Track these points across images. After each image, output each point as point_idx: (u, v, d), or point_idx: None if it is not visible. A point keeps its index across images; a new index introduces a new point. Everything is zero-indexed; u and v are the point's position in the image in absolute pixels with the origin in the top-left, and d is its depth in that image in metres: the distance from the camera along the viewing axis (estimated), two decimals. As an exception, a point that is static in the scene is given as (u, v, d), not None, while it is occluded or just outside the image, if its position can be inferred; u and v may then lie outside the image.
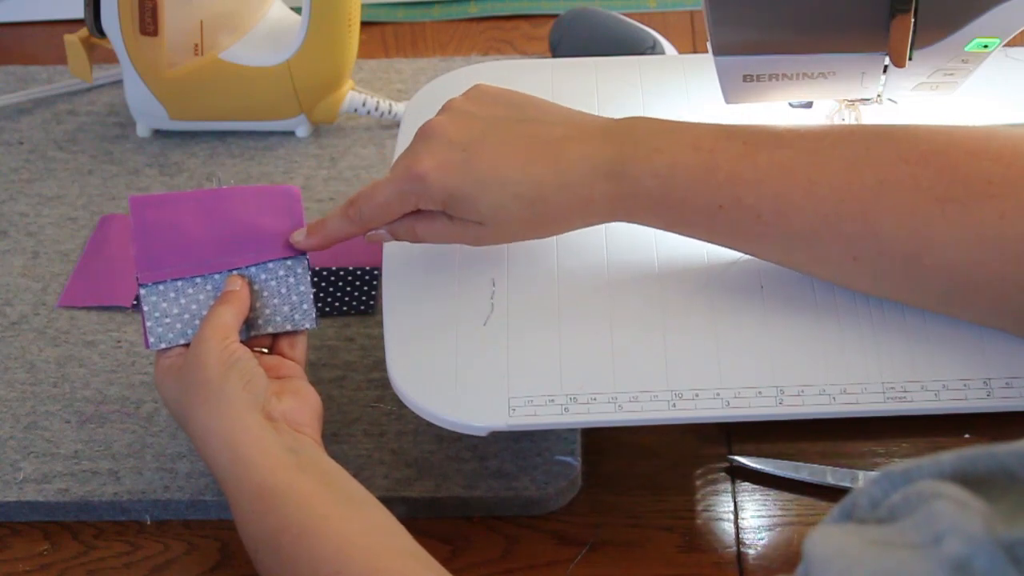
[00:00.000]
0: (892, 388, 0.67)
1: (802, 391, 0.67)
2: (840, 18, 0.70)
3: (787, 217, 0.66)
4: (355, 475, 0.66)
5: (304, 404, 0.69)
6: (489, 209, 0.68)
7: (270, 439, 0.65)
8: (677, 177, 0.67)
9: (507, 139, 0.68)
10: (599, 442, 0.76)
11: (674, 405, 0.67)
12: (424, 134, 0.70)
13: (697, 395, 0.67)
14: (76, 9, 0.95)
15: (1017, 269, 0.63)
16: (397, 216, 0.70)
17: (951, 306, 0.67)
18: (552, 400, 0.68)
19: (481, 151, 0.68)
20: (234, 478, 0.65)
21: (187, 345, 0.71)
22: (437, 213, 0.69)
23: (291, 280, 0.73)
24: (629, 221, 0.70)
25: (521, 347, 0.70)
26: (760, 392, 0.67)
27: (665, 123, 0.69)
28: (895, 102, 0.77)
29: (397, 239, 0.72)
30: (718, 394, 0.67)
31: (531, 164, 0.67)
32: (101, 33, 0.94)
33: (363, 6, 0.96)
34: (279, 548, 0.62)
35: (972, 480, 0.40)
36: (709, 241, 0.70)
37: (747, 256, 0.71)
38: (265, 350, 0.73)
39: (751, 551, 0.71)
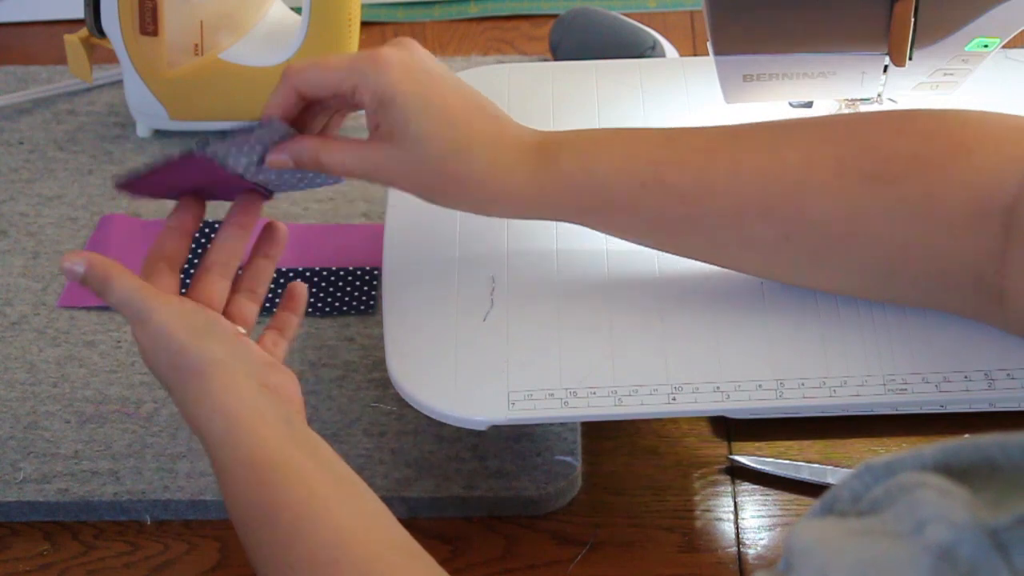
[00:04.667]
0: (892, 380, 0.67)
1: (802, 384, 0.67)
2: (840, 18, 0.70)
3: (711, 197, 0.67)
4: (355, 475, 0.66)
5: (291, 382, 0.68)
6: (416, 131, 0.67)
7: (266, 407, 0.64)
8: (600, 160, 0.68)
9: (465, 94, 0.69)
10: (599, 442, 0.76)
11: (673, 399, 0.67)
12: (400, 41, 0.69)
13: (697, 388, 0.67)
14: (76, 9, 0.95)
15: (951, 242, 0.64)
16: (330, 91, 0.68)
17: (894, 287, 0.68)
18: (551, 394, 0.68)
19: (441, 82, 0.68)
20: (227, 445, 0.63)
21: None
22: (345, 139, 0.68)
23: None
24: (554, 217, 0.70)
25: (521, 341, 0.70)
26: (760, 385, 0.67)
27: (593, 129, 0.71)
28: (895, 102, 0.77)
29: (300, 165, 0.69)
30: (718, 387, 0.67)
31: (473, 122, 0.68)
32: (101, 33, 0.94)
33: (363, 6, 0.95)
34: (277, 524, 0.61)
35: (954, 471, 0.39)
36: (637, 237, 0.70)
37: None
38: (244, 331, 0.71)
39: (751, 551, 0.71)
